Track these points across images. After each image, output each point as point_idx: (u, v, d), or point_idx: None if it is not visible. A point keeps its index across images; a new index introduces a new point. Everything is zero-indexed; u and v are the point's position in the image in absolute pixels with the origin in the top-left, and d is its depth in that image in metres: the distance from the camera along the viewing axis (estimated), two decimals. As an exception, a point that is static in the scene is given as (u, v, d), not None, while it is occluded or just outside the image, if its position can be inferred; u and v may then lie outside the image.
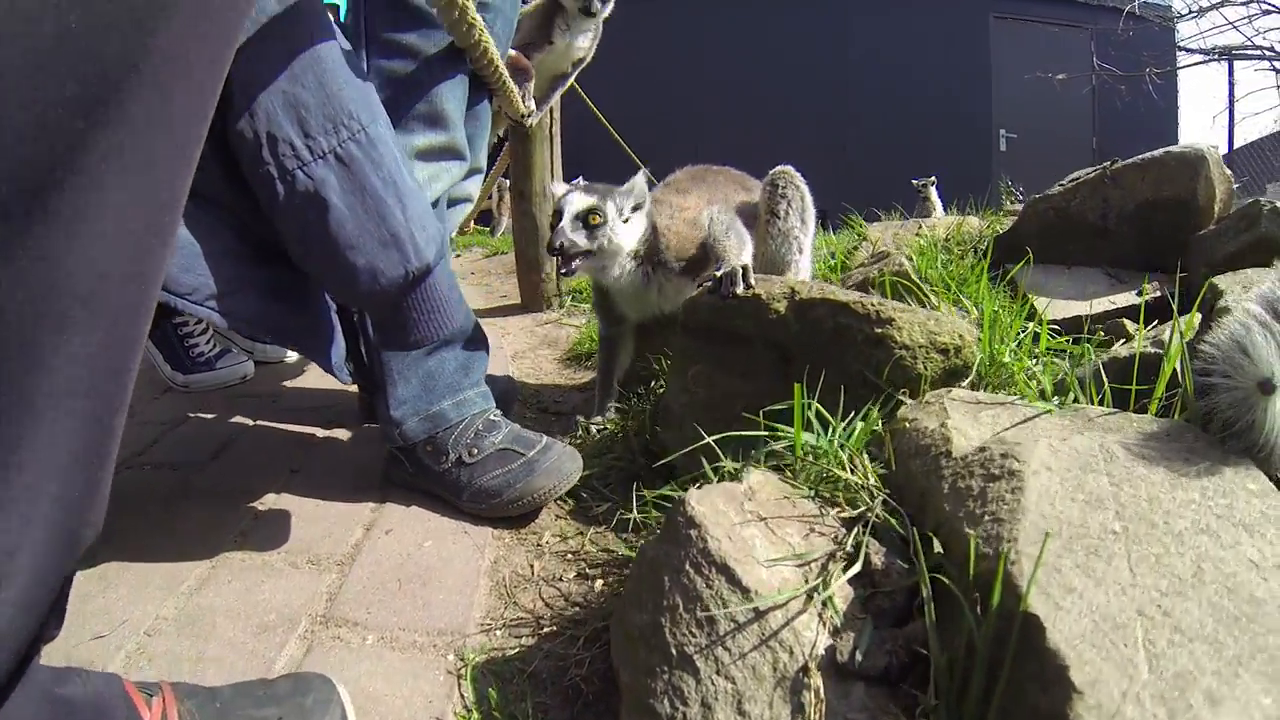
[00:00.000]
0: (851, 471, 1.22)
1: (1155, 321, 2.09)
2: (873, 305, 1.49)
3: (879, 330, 1.47)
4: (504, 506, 1.58)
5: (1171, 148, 2.42)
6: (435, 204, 1.70)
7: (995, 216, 3.05)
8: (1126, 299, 2.30)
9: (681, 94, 11.59)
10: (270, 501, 1.69)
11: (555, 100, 2.99)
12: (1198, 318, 1.78)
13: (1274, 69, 8.63)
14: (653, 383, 2.16)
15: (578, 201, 1.89)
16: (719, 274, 1.65)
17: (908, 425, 1.26)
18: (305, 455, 1.98)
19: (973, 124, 10.53)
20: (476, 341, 1.76)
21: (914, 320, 1.48)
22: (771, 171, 2.16)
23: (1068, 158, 10.49)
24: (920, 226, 2.87)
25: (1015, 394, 1.51)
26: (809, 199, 2.16)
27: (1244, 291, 1.82)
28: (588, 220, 1.88)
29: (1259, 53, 8.49)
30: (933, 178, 7.16)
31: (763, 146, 10.96)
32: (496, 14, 1.79)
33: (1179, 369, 1.26)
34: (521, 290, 3.76)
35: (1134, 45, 8.42)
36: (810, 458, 1.28)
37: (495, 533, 1.59)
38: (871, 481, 1.20)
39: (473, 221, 7.64)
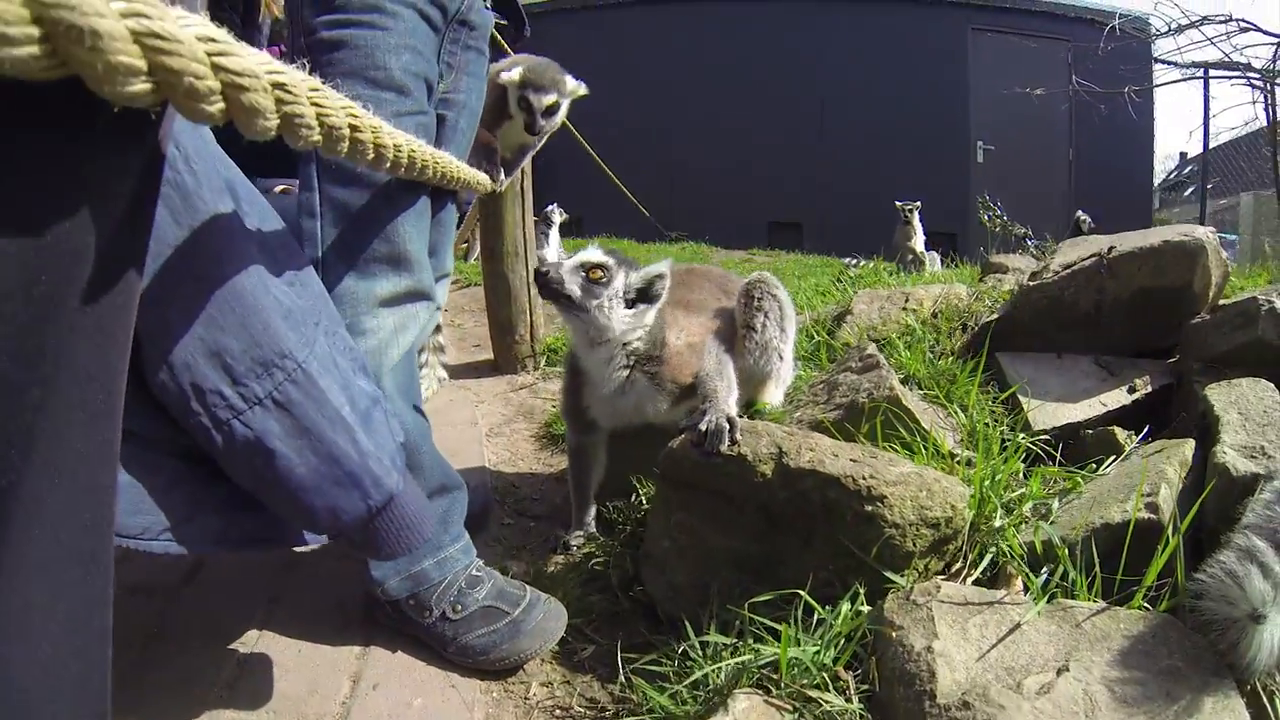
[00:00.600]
0: (837, 691, 1.17)
1: (1146, 428, 2.04)
2: (864, 480, 1.41)
3: (869, 508, 1.41)
4: (490, 663, 1.61)
5: (1170, 236, 2.34)
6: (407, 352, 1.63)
7: (984, 286, 2.96)
8: (1117, 397, 2.23)
9: (655, 109, 11.53)
10: (251, 641, 1.65)
11: (526, 162, 2.88)
12: (1189, 449, 1.73)
13: (1251, 85, 8.64)
14: (634, 496, 2.08)
15: (589, 254, 1.78)
16: (703, 426, 1.56)
17: (893, 635, 1.21)
18: (284, 580, 1.91)
19: (951, 136, 10.51)
20: (453, 488, 1.73)
21: (906, 495, 1.42)
22: (747, 281, 2.09)
23: (1045, 170, 10.55)
24: (907, 299, 2.78)
25: (1003, 557, 1.50)
26: (788, 305, 2.10)
27: (1239, 417, 1.77)
28: (589, 274, 1.76)
29: (1238, 70, 8.50)
30: (918, 203, 7.09)
31: (739, 160, 11.03)
32: (461, 110, 1.73)
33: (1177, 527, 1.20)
34: (495, 351, 3.65)
35: (1112, 59, 8.40)
36: (795, 672, 1.22)
37: (483, 685, 1.58)
38: (856, 705, 1.18)
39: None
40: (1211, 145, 11.93)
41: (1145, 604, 1.32)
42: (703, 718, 1.21)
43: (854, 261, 7.70)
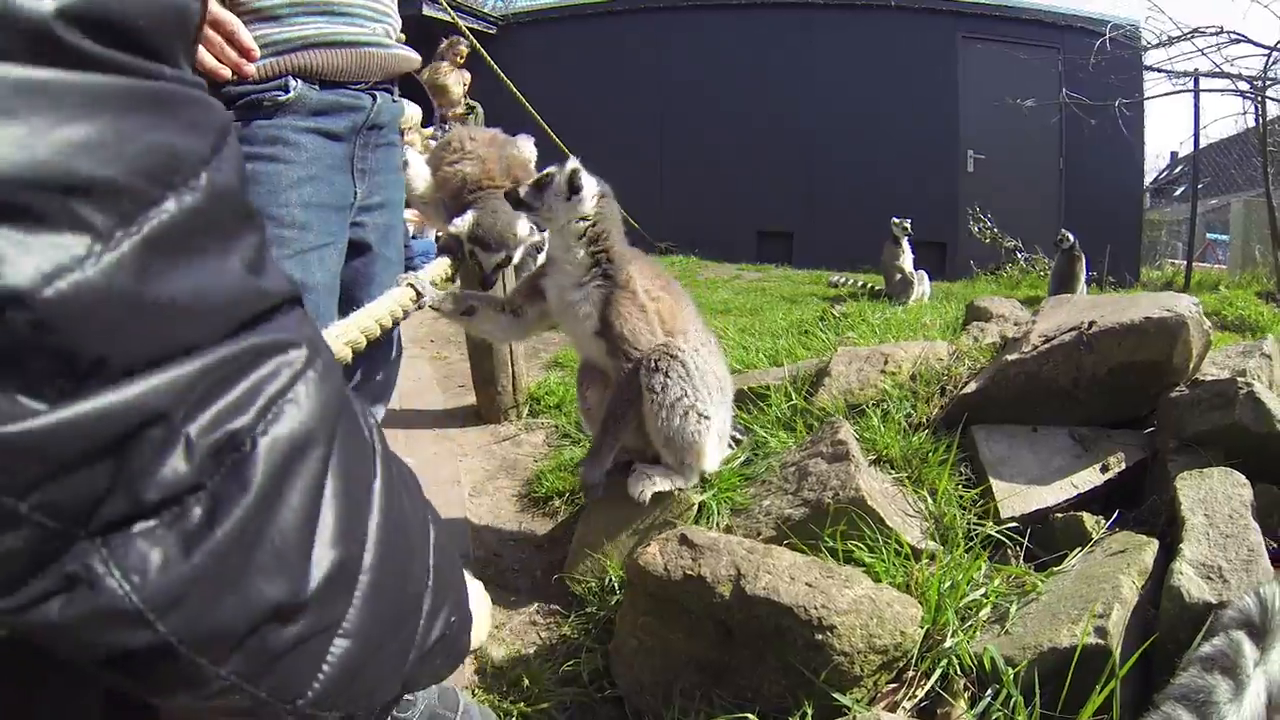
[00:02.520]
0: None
1: (1116, 513, 2.05)
2: (816, 611, 1.43)
3: (819, 637, 1.43)
4: None
5: (1151, 312, 2.33)
6: None
7: (965, 343, 2.95)
8: (1089, 477, 2.23)
9: (642, 117, 11.49)
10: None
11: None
12: (1149, 555, 1.74)
13: (1241, 95, 8.64)
14: (605, 577, 2.09)
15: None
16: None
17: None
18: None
19: (941, 145, 10.42)
20: None
21: (856, 624, 1.44)
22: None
23: (1035, 179, 10.50)
24: (885, 361, 2.77)
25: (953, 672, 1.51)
26: (705, 364, 2.12)
27: (1205, 520, 1.77)
28: (537, 184, 2.06)
29: (1229, 80, 8.49)
30: (909, 220, 7.06)
31: (728, 170, 10.96)
32: (383, 209, 1.79)
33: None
34: (479, 400, 3.64)
35: (1103, 68, 8.37)
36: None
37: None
38: None
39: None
40: (1203, 146, 11.93)
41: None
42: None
43: (841, 280, 7.71)
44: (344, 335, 1.42)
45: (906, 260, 6.93)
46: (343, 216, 1.62)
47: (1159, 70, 9.30)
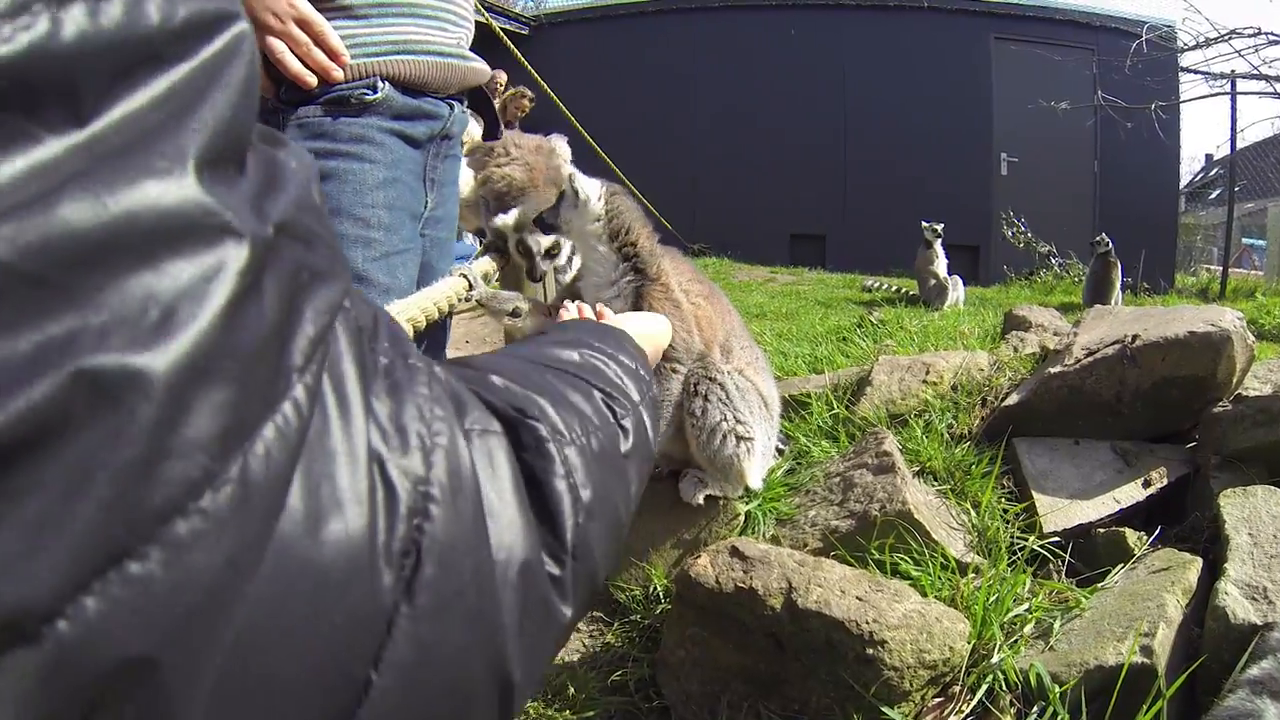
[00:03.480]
0: None
1: (1159, 529, 2.06)
2: (867, 625, 1.46)
3: (870, 651, 1.46)
4: None
5: (1195, 326, 2.33)
6: None
7: (1005, 353, 2.95)
8: (1132, 492, 2.24)
9: (674, 118, 11.49)
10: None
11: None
12: (1194, 574, 1.75)
13: (1278, 97, 8.51)
14: (650, 585, 2.12)
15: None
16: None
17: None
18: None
19: (974, 147, 10.34)
20: None
21: (906, 639, 1.47)
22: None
23: (1070, 182, 10.39)
24: (927, 371, 2.78)
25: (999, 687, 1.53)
26: (746, 382, 2.11)
27: (1249, 540, 1.78)
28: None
29: (1266, 82, 8.37)
30: (941, 224, 7.02)
31: (762, 171, 10.96)
32: (446, 224, 1.78)
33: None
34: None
35: (1138, 70, 8.27)
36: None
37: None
38: None
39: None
40: (1241, 146, 11.73)
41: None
42: None
43: (875, 285, 7.69)
44: (404, 313, 1.44)
45: (940, 265, 6.89)
46: (416, 225, 1.62)
47: (1195, 72, 9.20)
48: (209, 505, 0.25)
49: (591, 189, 2.04)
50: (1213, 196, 16.39)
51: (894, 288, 7.52)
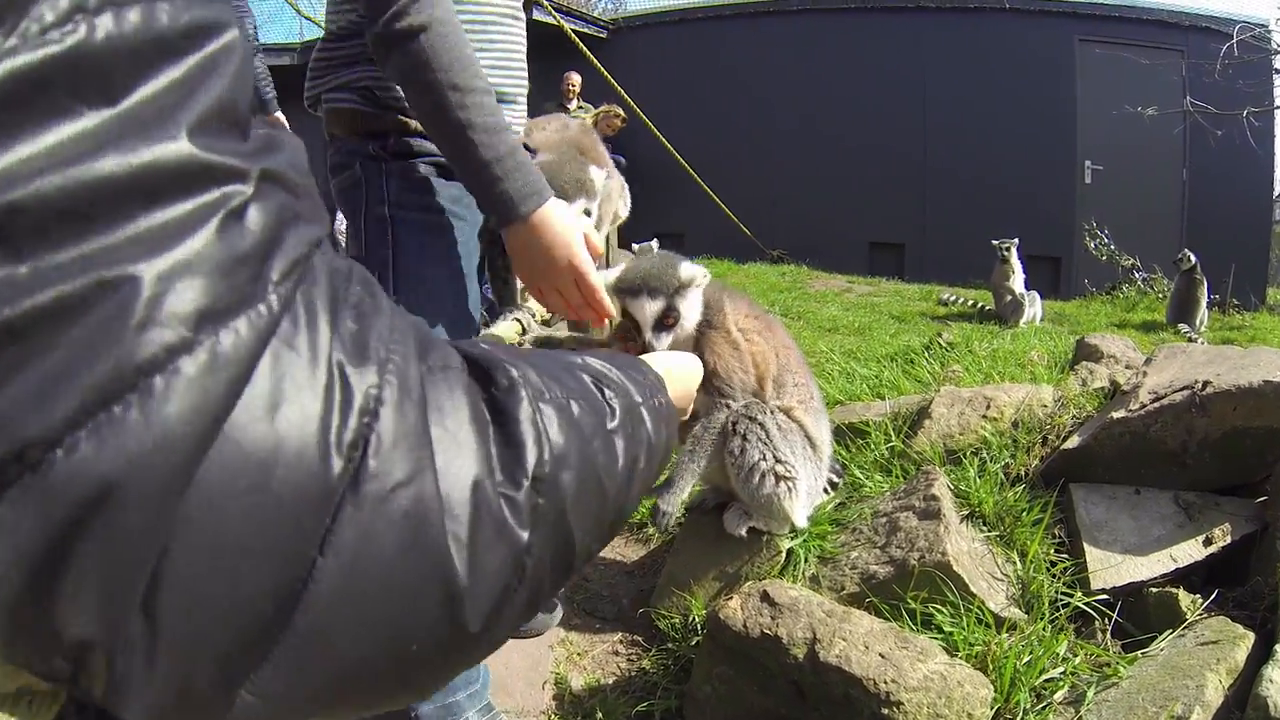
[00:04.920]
0: None
1: (1215, 593, 1.97)
2: (885, 685, 1.45)
3: (885, 711, 1.45)
4: None
5: (1272, 375, 2.21)
6: None
7: (1071, 389, 2.86)
8: (1190, 551, 2.14)
9: (755, 124, 11.38)
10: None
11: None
12: (1242, 653, 1.67)
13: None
14: (689, 616, 2.12)
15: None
16: None
17: None
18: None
19: (1057, 154, 9.95)
20: None
21: (923, 702, 1.46)
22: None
23: (1157, 191, 9.96)
24: (988, 406, 2.72)
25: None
26: (790, 421, 2.08)
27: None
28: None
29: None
30: (1015, 240, 6.84)
31: (840, 178, 10.79)
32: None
33: None
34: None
35: (1230, 74, 7.84)
36: None
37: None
38: None
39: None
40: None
41: None
42: None
43: (951, 298, 7.53)
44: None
45: (1017, 281, 6.72)
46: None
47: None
48: (183, 366, 0.32)
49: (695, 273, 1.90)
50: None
51: (970, 301, 7.35)
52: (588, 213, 2.06)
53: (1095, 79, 9.98)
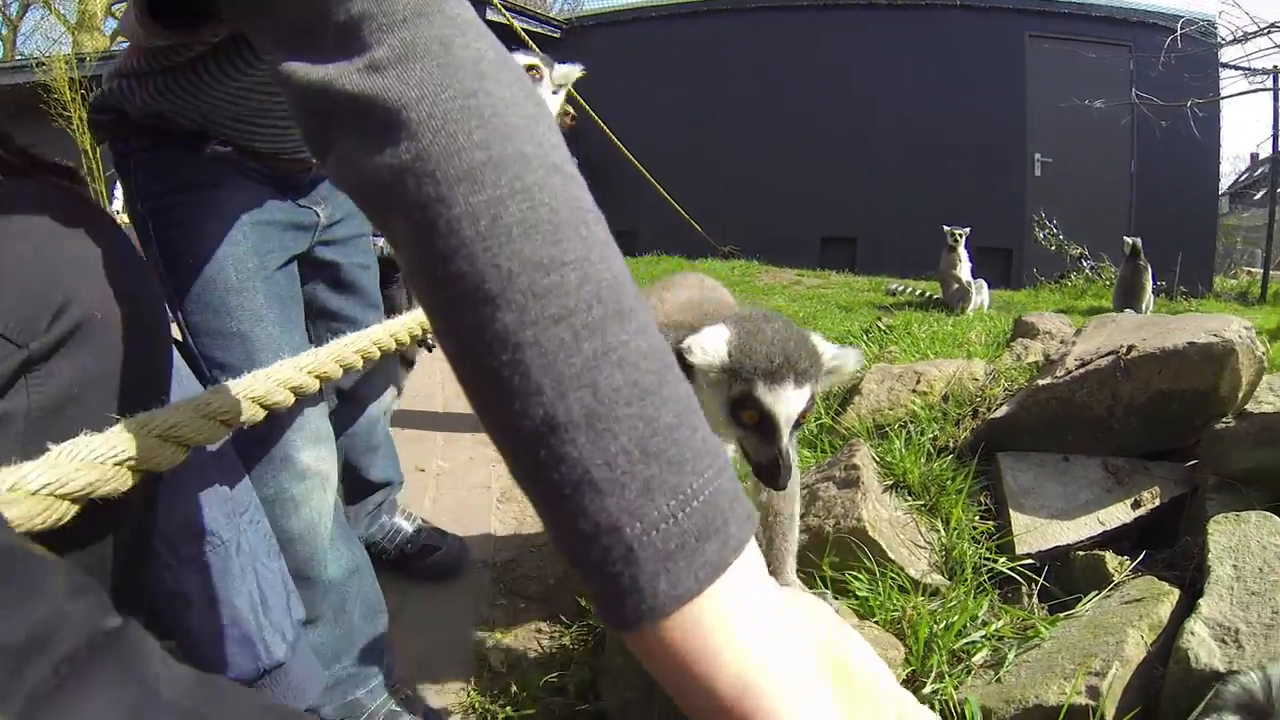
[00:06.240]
0: None
1: (1143, 554, 1.93)
2: None
3: None
4: None
5: (1195, 336, 2.19)
6: None
7: (1003, 363, 2.84)
8: (1119, 514, 2.11)
9: (706, 120, 11.43)
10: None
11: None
12: (1166, 609, 1.63)
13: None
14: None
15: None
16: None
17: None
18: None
19: (1007, 148, 10.13)
20: (381, 620, 1.82)
21: None
22: None
23: (1106, 182, 10.14)
24: (918, 380, 2.68)
25: None
26: None
27: (1233, 573, 1.65)
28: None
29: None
30: (967, 229, 6.89)
31: (792, 173, 10.84)
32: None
33: None
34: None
35: (1176, 67, 8.02)
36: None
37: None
38: None
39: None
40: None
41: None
42: None
43: (899, 288, 7.56)
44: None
45: (964, 269, 6.77)
46: None
47: (1235, 68, 8.90)
48: None
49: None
50: (1257, 197, 15.92)
51: (919, 291, 7.40)
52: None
53: (1045, 74, 10.16)
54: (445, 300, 0.55)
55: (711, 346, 1.32)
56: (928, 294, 7.23)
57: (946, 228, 6.94)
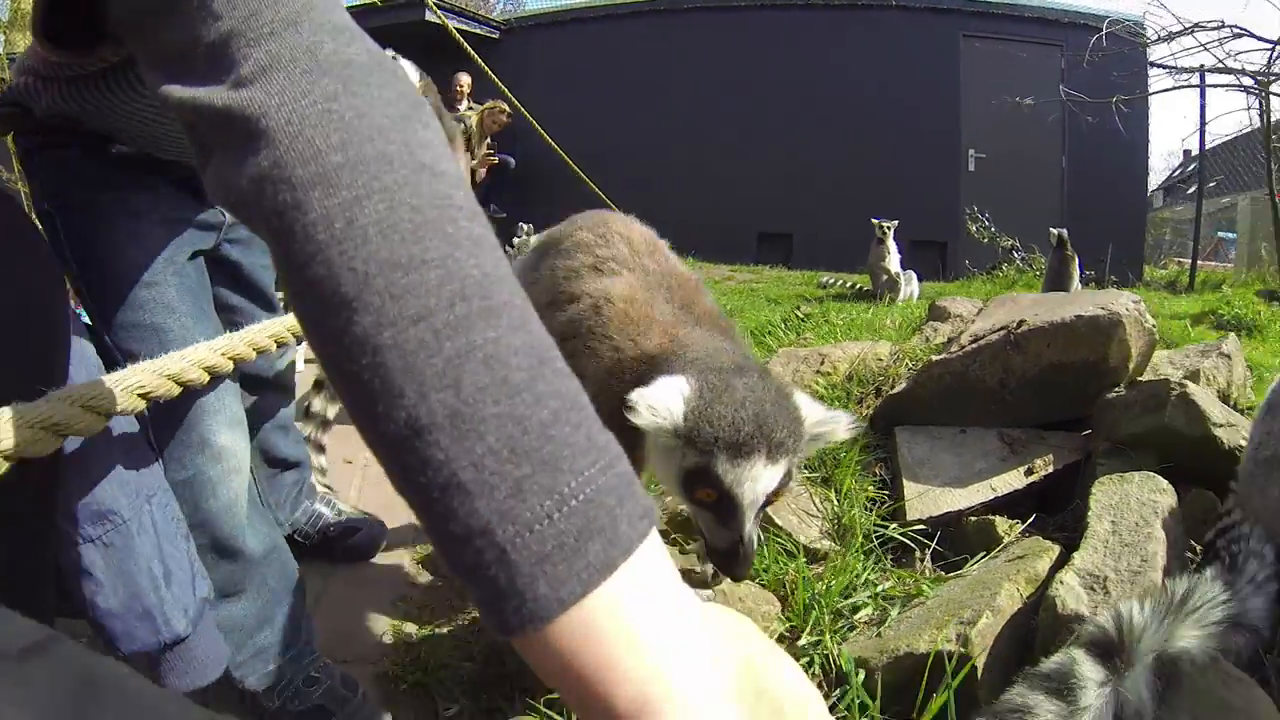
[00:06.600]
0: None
1: (1033, 516, 1.99)
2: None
3: None
4: None
5: (1084, 310, 2.26)
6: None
7: (909, 344, 2.90)
8: (1011, 480, 2.17)
9: (644, 119, 11.48)
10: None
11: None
12: (1044, 564, 1.69)
13: (1245, 90, 8.50)
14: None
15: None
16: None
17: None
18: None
19: (942, 144, 10.33)
20: (297, 594, 1.84)
21: None
22: None
23: (1038, 177, 10.38)
24: (823, 361, 2.73)
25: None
26: None
27: (1109, 528, 1.71)
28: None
29: (1232, 75, 8.36)
30: (895, 221, 7.00)
31: (728, 171, 10.93)
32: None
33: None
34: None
35: (1106, 65, 8.27)
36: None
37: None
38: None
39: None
40: (1213, 144, 11.77)
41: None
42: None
43: (831, 281, 7.67)
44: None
45: (892, 260, 6.89)
46: None
47: (1162, 66, 9.20)
48: None
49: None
50: (1189, 191, 16.41)
51: (850, 284, 7.50)
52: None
53: (979, 73, 10.38)
54: (308, 306, 0.54)
55: (663, 405, 1.07)
56: (858, 286, 7.34)
57: (874, 220, 7.04)
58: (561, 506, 0.49)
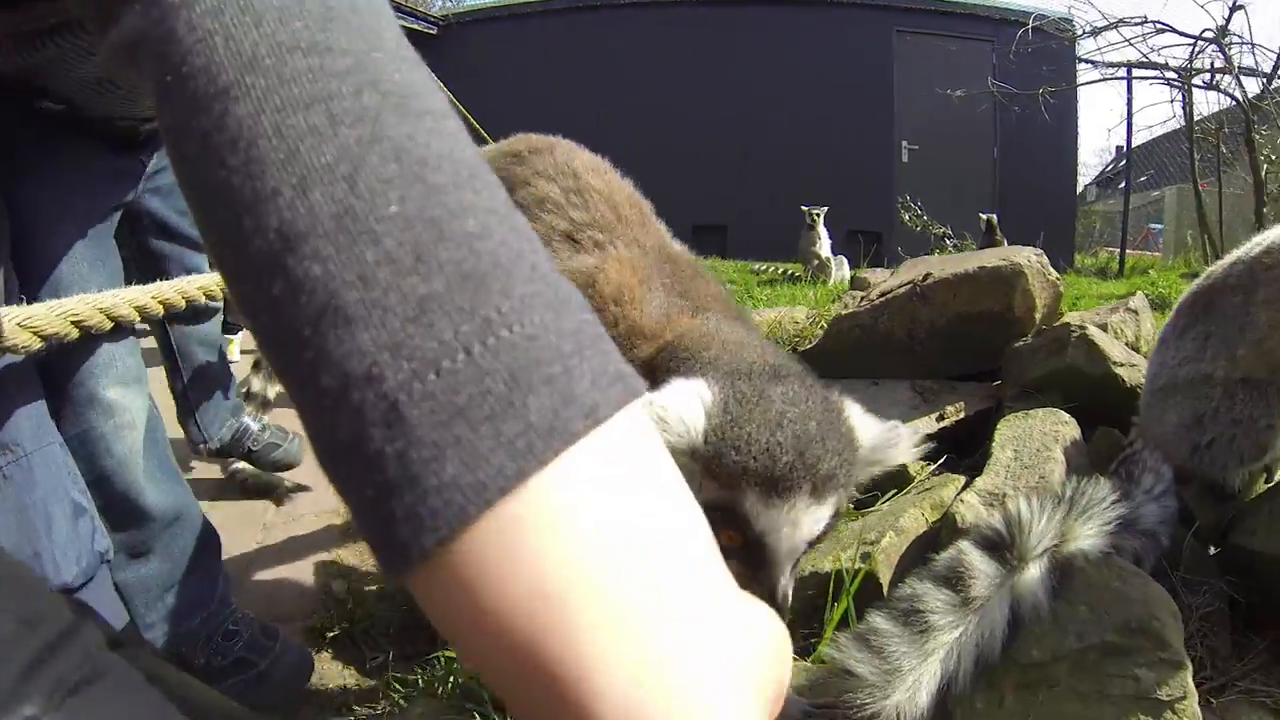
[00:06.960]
0: None
1: (944, 458, 2.03)
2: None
3: None
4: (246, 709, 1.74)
5: (987, 261, 2.33)
6: None
7: (827, 309, 2.93)
8: (924, 427, 2.20)
9: (579, 114, 11.43)
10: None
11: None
12: (949, 491, 1.74)
13: (1169, 84, 8.75)
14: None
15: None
16: None
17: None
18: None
19: (876, 137, 10.56)
20: (213, 549, 1.87)
21: None
22: None
23: (970, 169, 10.61)
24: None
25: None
26: None
27: (1012, 455, 1.76)
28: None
29: (1156, 70, 8.61)
30: (825, 208, 7.12)
31: (663, 164, 10.91)
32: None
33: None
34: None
35: (1035, 60, 8.47)
36: None
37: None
38: None
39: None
40: (1144, 140, 12.16)
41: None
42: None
43: (762, 267, 7.76)
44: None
45: (823, 246, 7.04)
46: None
47: (1090, 61, 9.44)
48: None
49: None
50: (1121, 185, 16.95)
51: (781, 270, 7.62)
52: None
53: (912, 67, 10.59)
54: (175, 111, 0.38)
55: (677, 417, 0.82)
56: (789, 271, 7.47)
57: (804, 207, 7.16)
58: (486, 337, 0.33)
